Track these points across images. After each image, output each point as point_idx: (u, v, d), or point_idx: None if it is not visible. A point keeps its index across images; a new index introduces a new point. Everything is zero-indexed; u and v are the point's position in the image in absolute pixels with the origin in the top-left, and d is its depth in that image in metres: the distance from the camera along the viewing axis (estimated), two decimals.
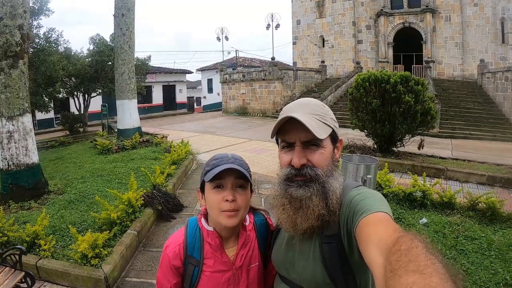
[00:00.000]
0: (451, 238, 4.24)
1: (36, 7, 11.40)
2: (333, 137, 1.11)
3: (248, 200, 1.28)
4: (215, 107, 32.58)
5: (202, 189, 1.32)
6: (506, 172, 7.47)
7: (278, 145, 1.15)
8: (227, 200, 1.21)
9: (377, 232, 0.83)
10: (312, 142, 1.05)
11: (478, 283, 3.35)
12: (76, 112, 17.04)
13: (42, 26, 12.33)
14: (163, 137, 11.31)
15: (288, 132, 1.07)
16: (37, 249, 3.87)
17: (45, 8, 11.70)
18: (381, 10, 23.53)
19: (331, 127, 1.09)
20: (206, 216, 1.35)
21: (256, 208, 1.48)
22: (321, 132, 1.02)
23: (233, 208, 1.21)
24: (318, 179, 1.05)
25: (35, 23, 11.73)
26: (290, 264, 1.17)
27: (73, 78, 15.56)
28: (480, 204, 4.99)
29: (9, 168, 5.71)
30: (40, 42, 12.12)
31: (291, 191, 1.07)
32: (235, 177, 1.23)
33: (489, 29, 20.73)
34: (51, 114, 19.25)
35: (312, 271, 1.08)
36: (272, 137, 1.15)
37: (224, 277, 1.28)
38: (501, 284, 3.30)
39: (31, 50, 10.79)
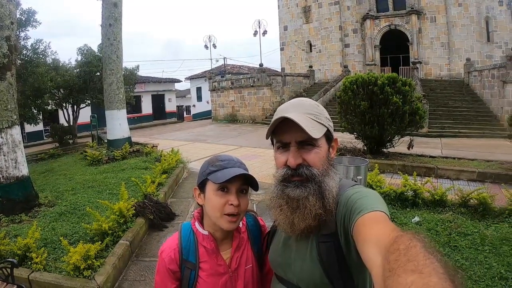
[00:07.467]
0: (444, 235, 4.27)
1: (23, 19, 11.35)
2: (328, 136, 1.11)
3: (248, 204, 1.29)
4: (204, 115, 32.43)
5: (201, 187, 1.31)
6: (496, 167, 7.58)
7: (273, 146, 1.15)
8: (231, 204, 1.21)
9: (375, 231, 0.83)
10: (308, 142, 1.05)
11: (473, 278, 3.36)
12: (66, 124, 16.92)
13: (30, 38, 12.34)
14: (153, 146, 11.26)
15: (283, 132, 1.07)
16: (29, 262, 3.80)
17: (32, 19, 11.67)
18: (367, 13, 23.74)
19: (325, 126, 1.09)
20: (199, 220, 1.35)
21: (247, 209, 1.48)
22: (316, 132, 1.02)
23: (236, 212, 1.22)
24: (314, 178, 1.05)
25: (22, 34, 11.68)
26: (287, 264, 1.16)
27: (61, 90, 15.49)
28: (471, 200, 5.03)
29: None
30: (28, 53, 12.06)
31: (288, 192, 1.06)
32: (241, 182, 1.24)
33: (474, 28, 21.06)
34: (40, 127, 19.08)
35: (309, 271, 1.08)
36: (267, 138, 1.15)
37: (221, 281, 1.28)
38: (496, 278, 3.32)
39: (18, 61, 10.71)
